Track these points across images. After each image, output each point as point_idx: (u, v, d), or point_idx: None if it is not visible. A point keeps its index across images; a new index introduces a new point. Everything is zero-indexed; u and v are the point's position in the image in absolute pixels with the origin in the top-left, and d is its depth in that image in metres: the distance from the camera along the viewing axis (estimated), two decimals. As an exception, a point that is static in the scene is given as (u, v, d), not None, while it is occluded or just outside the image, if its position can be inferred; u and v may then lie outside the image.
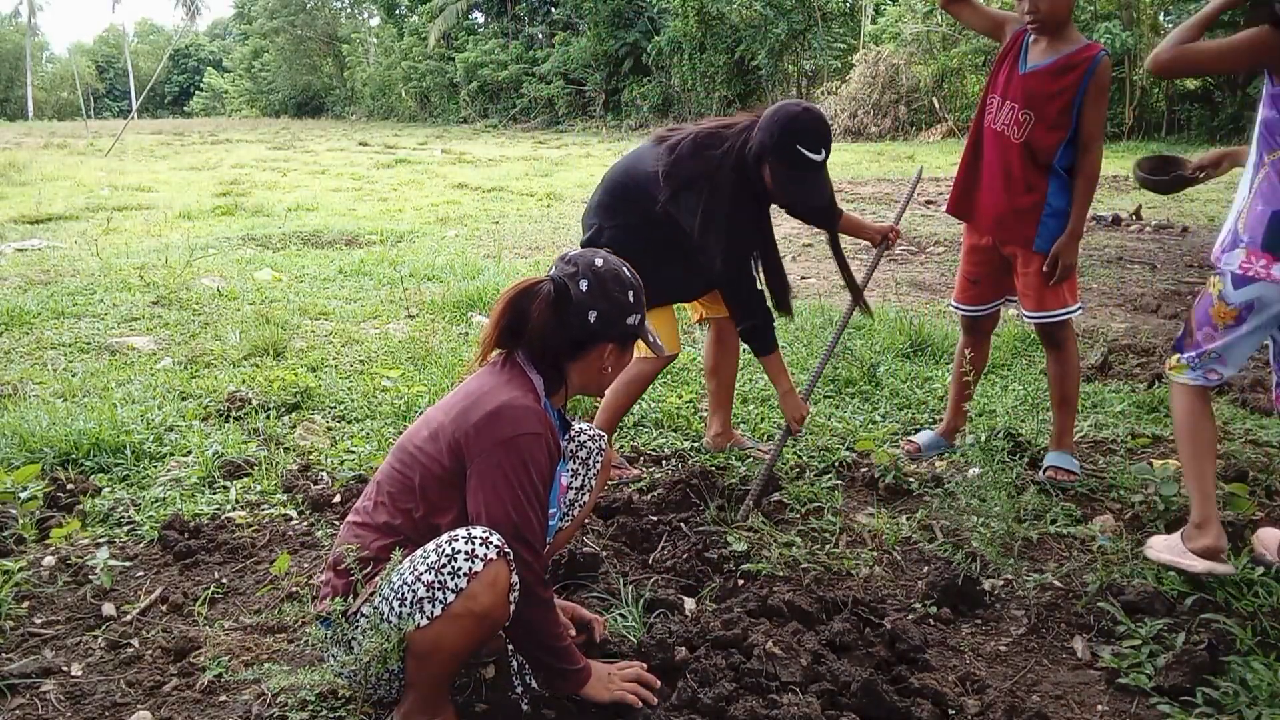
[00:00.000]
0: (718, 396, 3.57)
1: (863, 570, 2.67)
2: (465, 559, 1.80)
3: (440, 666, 1.90)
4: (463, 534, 1.83)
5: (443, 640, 1.83)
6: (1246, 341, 2.50)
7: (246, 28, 56.09)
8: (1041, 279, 3.15)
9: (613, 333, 2.08)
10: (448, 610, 1.80)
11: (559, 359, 2.07)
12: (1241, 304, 2.44)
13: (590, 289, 2.03)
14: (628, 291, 2.08)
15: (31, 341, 5.04)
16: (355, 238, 8.87)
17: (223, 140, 25.91)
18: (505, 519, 1.89)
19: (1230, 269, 2.43)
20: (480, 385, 2.02)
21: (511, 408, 1.94)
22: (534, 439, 1.93)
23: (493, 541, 1.82)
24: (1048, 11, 2.98)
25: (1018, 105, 3.08)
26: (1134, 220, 9.25)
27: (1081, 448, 3.54)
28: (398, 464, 2.02)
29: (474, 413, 1.95)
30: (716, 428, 3.59)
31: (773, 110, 2.93)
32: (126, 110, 54.32)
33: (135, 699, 2.15)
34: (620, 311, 2.07)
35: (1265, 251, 2.36)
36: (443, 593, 1.80)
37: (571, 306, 2.03)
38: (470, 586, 1.79)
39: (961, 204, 3.35)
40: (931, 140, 20.39)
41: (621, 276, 2.09)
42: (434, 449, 1.97)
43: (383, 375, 4.45)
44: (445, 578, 1.80)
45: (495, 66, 34.96)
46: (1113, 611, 2.38)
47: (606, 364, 2.12)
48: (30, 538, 2.85)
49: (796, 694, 2.02)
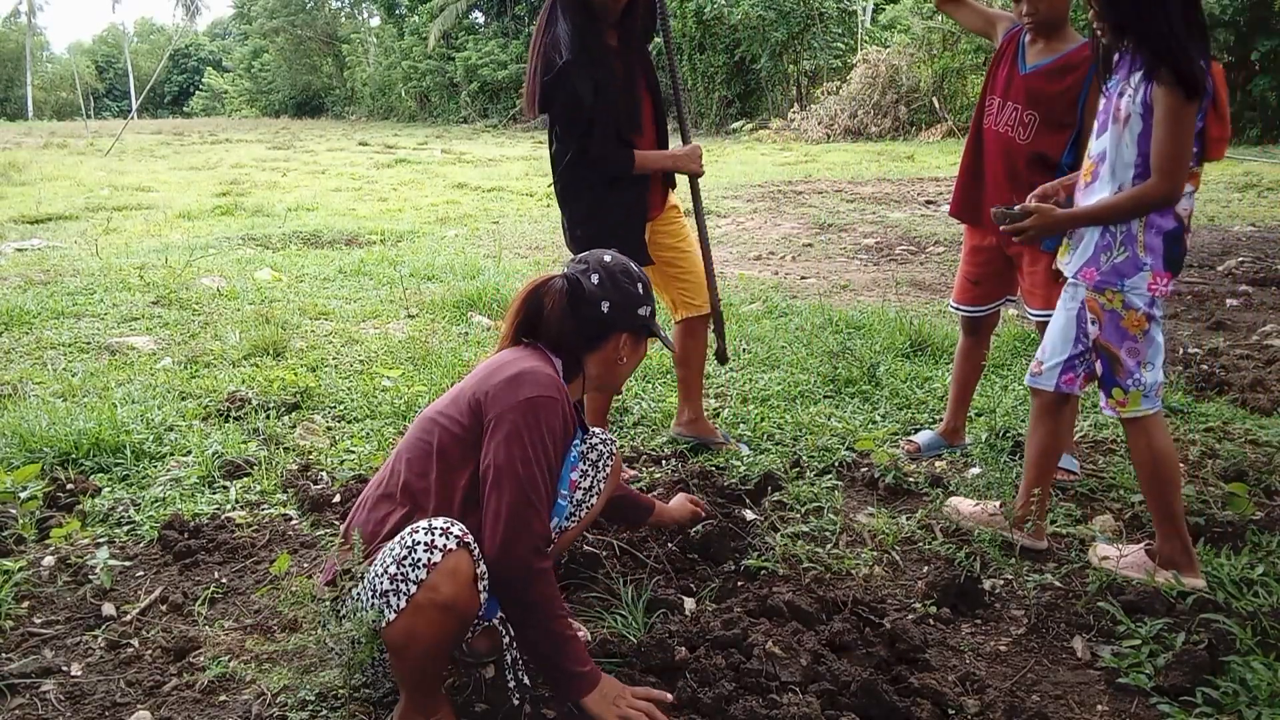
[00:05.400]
0: (687, 384, 3.62)
1: (863, 570, 2.67)
2: (424, 549, 1.81)
3: (420, 661, 1.88)
4: (423, 525, 1.84)
5: (414, 633, 1.82)
6: (1161, 344, 2.54)
7: (246, 28, 56.09)
8: (1049, 277, 3.14)
9: (626, 323, 2.18)
10: (412, 601, 1.80)
11: (575, 350, 2.16)
12: (1147, 312, 2.48)
13: (601, 281, 2.15)
14: (636, 284, 2.21)
15: (31, 341, 5.04)
16: (355, 238, 8.87)
17: (222, 140, 25.91)
18: (513, 474, 1.91)
19: (1138, 291, 2.46)
20: (504, 356, 2.12)
21: (533, 373, 2.02)
22: (551, 403, 1.99)
23: (453, 532, 1.83)
24: (1047, 12, 2.98)
25: (1021, 106, 3.08)
26: (1134, 220, 9.23)
27: (1081, 448, 3.54)
28: (420, 432, 2.08)
29: (496, 376, 2.03)
30: (688, 414, 3.64)
31: None
32: (126, 110, 54.33)
33: (135, 699, 2.15)
34: (631, 302, 2.18)
35: (1166, 271, 2.46)
36: (405, 584, 1.80)
37: (585, 298, 2.14)
38: (430, 577, 1.79)
39: (965, 206, 3.35)
40: (932, 140, 20.38)
41: (630, 270, 2.22)
42: (454, 410, 2.04)
43: (383, 375, 4.45)
44: (407, 569, 1.81)
45: (495, 66, 34.97)
46: (1113, 611, 2.39)
47: (621, 355, 2.21)
48: (30, 538, 2.85)
49: (796, 694, 2.02)
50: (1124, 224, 2.45)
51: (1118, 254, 2.47)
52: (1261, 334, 5.05)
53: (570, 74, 2.96)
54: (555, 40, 3.02)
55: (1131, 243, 2.45)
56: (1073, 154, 3.06)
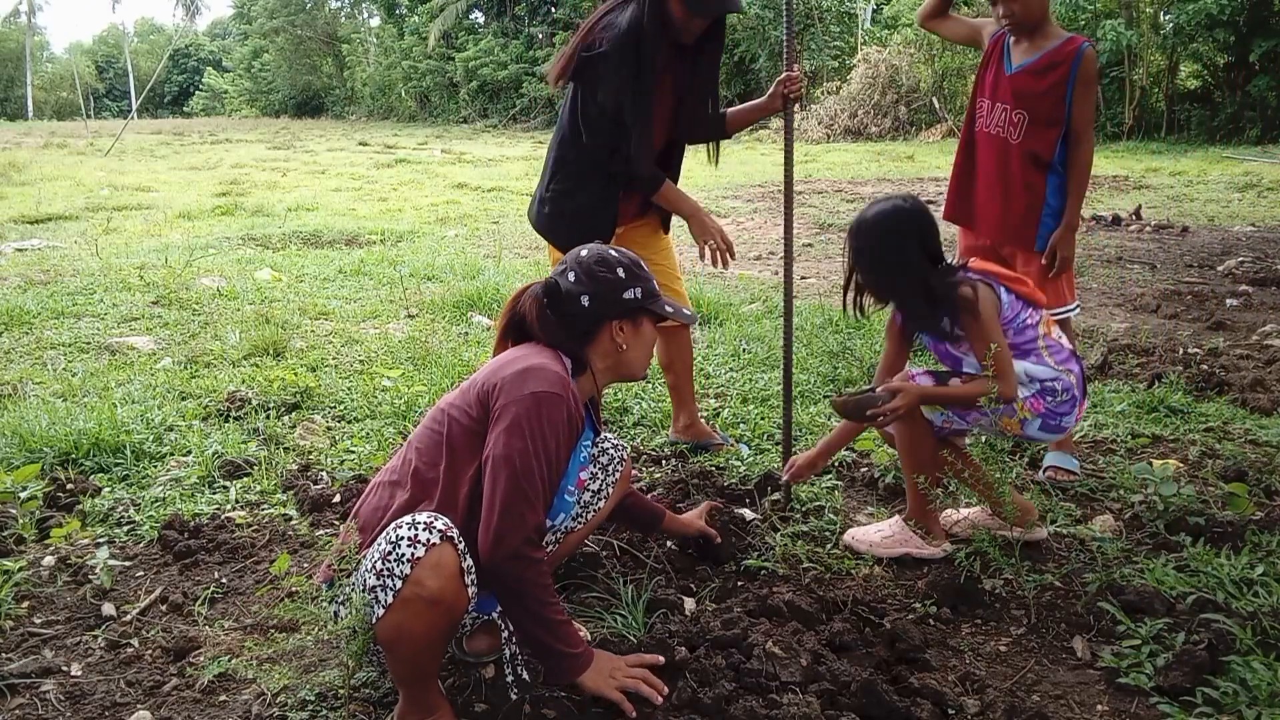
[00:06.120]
0: (678, 390, 3.62)
1: (863, 570, 2.67)
2: (408, 544, 1.81)
3: (412, 656, 1.88)
4: (407, 520, 1.85)
5: (403, 628, 1.83)
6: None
7: (246, 27, 56.12)
8: (1042, 278, 3.15)
9: (611, 311, 2.17)
10: (399, 597, 1.81)
11: (572, 347, 2.16)
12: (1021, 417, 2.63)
13: (577, 277, 2.15)
14: (616, 269, 2.17)
15: (31, 341, 5.04)
16: (355, 238, 8.87)
17: (222, 140, 25.92)
18: (510, 466, 1.92)
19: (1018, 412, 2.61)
20: (516, 352, 2.14)
21: (542, 369, 2.03)
22: (557, 399, 1.99)
23: (436, 526, 1.83)
24: (1022, 13, 3.02)
25: (1009, 106, 3.10)
26: (1134, 220, 9.24)
27: (1081, 448, 3.54)
28: (431, 422, 2.10)
29: (506, 370, 2.05)
30: (685, 419, 3.63)
31: None
32: (126, 110, 54.35)
33: (135, 699, 2.15)
34: (612, 288, 2.16)
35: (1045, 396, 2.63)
36: (391, 579, 1.81)
37: (564, 297, 2.15)
38: (414, 572, 1.80)
39: (959, 209, 3.36)
40: (931, 140, 20.39)
41: (606, 258, 2.18)
42: (464, 401, 2.06)
43: (383, 375, 4.45)
44: (391, 565, 1.82)
45: (495, 66, 34.99)
46: (1113, 611, 2.38)
47: (621, 342, 2.20)
48: (30, 538, 2.85)
49: (796, 694, 2.02)
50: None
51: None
52: (1261, 334, 5.05)
53: (617, 59, 2.91)
54: (613, 26, 2.96)
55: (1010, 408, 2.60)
56: (1061, 152, 3.08)
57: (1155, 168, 13.89)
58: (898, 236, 2.55)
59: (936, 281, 2.55)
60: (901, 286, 2.61)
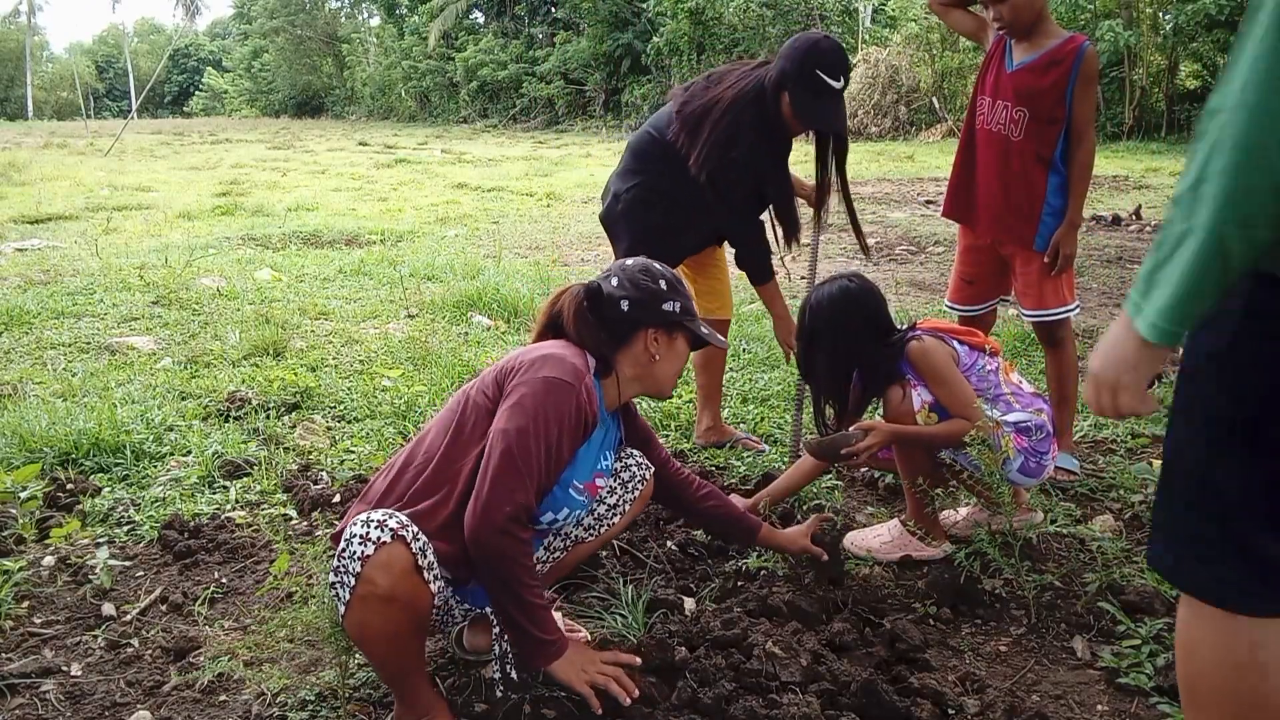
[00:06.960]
0: (707, 391, 3.61)
1: (863, 570, 2.67)
2: (359, 543, 1.80)
3: (383, 653, 1.88)
4: (361, 518, 1.84)
5: (366, 626, 1.83)
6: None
7: (246, 27, 56.12)
8: (1041, 277, 3.15)
9: (650, 318, 2.18)
10: (355, 595, 1.80)
11: (604, 350, 2.17)
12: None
13: (620, 283, 2.18)
14: (658, 280, 2.20)
15: (31, 341, 5.04)
16: (355, 237, 8.87)
17: (222, 140, 25.92)
18: (507, 441, 1.92)
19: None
20: (544, 344, 2.17)
21: (559, 359, 2.05)
22: (567, 387, 2.00)
23: (388, 524, 1.82)
24: (1010, 17, 3.03)
25: (1010, 103, 3.10)
26: (1134, 220, 9.24)
27: (1081, 448, 3.54)
28: (452, 403, 2.13)
29: (527, 355, 2.09)
30: (707, 422, 3.62)
31: (793, 40, 3.06)
32: (126, 110, 54.35)
33: (135, 699, 2.15)
34: (653, 297, 2.17)
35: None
36: (347, 577, 1.81)
37: (604, 300, 2.17)
38: (365, 570, 1.79)
39: (958, 206, 3.36)
40: (931, 140, 20.39)
41: (650, 268, 2.22)
42: (483, 383, 2.10)
43: (383, 375, 4.45)
44: (345, 563, 1.82)
45: (495, 66, 34.98)
46: (1113, 611, 2.39)
47: (653, 352, 2.19)
48: (30, 538, 2.85)
49: (796, 694, 2.02)
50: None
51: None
52: (1261, 334, 5.05)
53: (758, 157, 3.07)
54: (744, 118, 3.04)
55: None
56: (1064, 150, 3.08)
57: (1155, 168, 13.88)
58: (846, 317, 2.67)
59: (886, 353, 2.67)
60: (855, 360, 2.74)
